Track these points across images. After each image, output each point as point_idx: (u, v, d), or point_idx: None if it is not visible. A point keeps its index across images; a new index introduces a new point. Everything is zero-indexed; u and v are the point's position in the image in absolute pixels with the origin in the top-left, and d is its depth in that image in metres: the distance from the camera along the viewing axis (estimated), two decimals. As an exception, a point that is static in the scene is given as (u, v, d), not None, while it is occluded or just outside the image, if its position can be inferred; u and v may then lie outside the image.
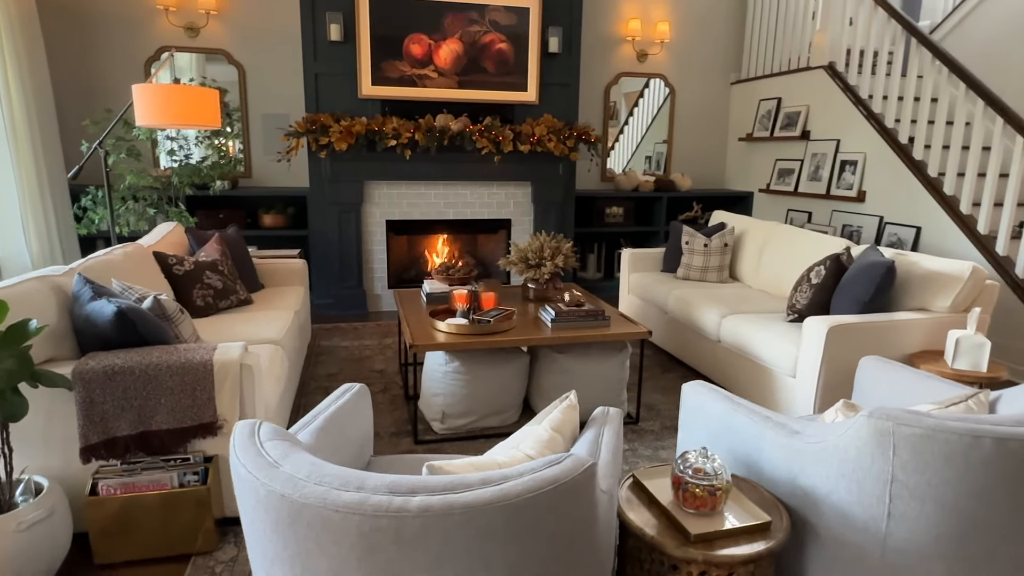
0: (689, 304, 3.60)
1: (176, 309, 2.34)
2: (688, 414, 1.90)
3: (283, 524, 1.04)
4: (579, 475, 1.09)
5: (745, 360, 3.15)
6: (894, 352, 2.73)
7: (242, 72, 5.04)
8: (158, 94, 3.12)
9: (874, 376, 2.08)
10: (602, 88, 5.78)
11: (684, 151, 6.11)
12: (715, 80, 6.04)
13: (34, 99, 4.00)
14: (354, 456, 1.65)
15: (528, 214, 5.21)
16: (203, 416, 2.01)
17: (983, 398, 1.66)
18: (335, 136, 4.44)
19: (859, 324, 2.66)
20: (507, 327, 2.86)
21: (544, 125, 4.84)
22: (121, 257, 2.81)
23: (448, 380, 2.83)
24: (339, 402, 1.66)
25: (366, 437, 1.78)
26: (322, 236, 4.86)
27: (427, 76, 4.76)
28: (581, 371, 2.91)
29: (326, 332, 4.38)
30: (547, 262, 3.32)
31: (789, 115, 5.28)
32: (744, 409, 1.69)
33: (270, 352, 2.60)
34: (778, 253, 3.81)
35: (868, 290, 2.77)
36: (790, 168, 5.29)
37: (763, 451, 1.60)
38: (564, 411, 1.58)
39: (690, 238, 4.16)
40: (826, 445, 1.44)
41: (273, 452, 1.13)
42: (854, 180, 4.61)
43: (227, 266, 3.33)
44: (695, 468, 1.48)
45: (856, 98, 4.63)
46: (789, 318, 3.15)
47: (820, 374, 2.64)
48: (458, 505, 0.99)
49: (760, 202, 5.76)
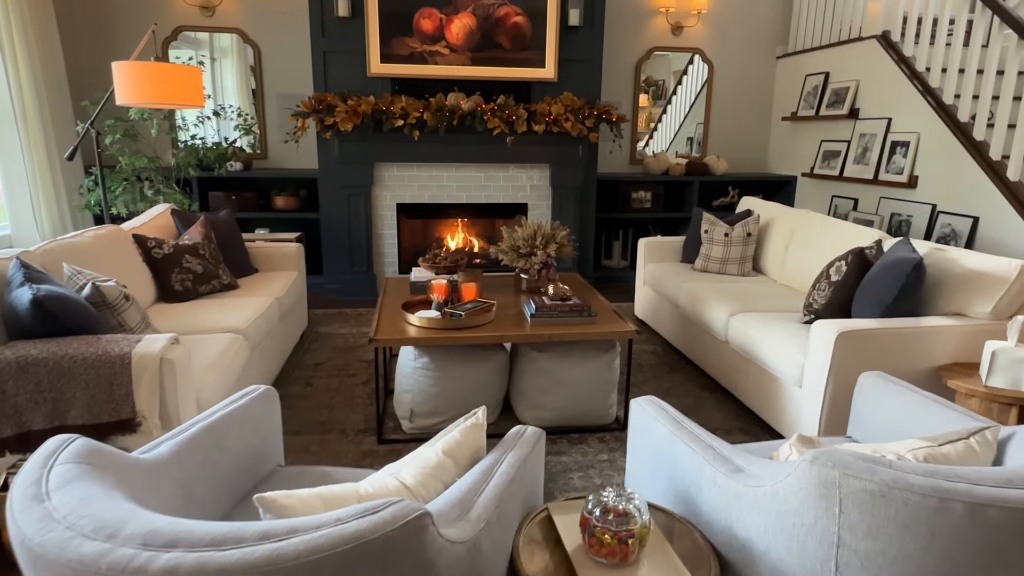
0: (699, 299, 3.28)
1: (119, 296, 2.24)
2: (636, 436, 1.64)
3: (29, 573, 0.87)
4: (396, 530, 0.87)
5: (751, 364, 2.83)
6: (919, 364, 2.36)
7: (257, 51, 4.96)
8: (138, 72, 3.04)
9: (873, 396, 1.76)
10: (632, 64, 5.42)
11: (723, 132, 5.67)
12: (758, 54, 5.56)
13: (44, 79, 4.02)
14: (239, 470, 1.48)
15: (546, 198, 4.94)
16: (121, 412, 1.90)
17: (990, 436, 1.33)
18: (340, 116, 4.30)
19: (876, 330, 2.30)
20: (482, 321, 2.64)
21: (562, 104, 4.55)
22: (90, 240, 2.75)
23: (417, 377, 2.65)
24: (226, 410, 1.49)
25: (267, 446, 1.61)
26: (332, 219, 4.75)
27: (438, 53, 4.54)
28: (561, 372, 2.66)
29: (328, 318, 4.28)
30: (538, 251, 3.07)
31: (837, 91, 4.79)
32: (686, 435, 1.42)
33: (226, 343, 2.48)
34: (806, 245, 3.43)
35: (891, 290, 2.40)
36: (836, 150, 4.81)
37: (702, 489, 1.34)
38: (465, 432, 1.36)
39: (710, 226, 3.81)
40: (765, 491, 1.17)
41: (54, 479, 0.97)
42: (905, 163, 4.12)
43: (209, 250, 3.24)
44: (606, 508, 1.23)
45: (911, 71, 4.12)
46: (804, 319, 2.80)
47: (827, 386, 2.31)
48: (213, 567, 0.79)
49: (803, 187, 5.29)
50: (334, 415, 2.86)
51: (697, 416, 2.90)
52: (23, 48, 3.87)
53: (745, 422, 2.85)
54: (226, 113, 4.89)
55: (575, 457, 2.51)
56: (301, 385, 3.18)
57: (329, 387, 3.16)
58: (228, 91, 4.99)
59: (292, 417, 2.83)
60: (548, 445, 2.61)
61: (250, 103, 5.00)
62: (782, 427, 2.61)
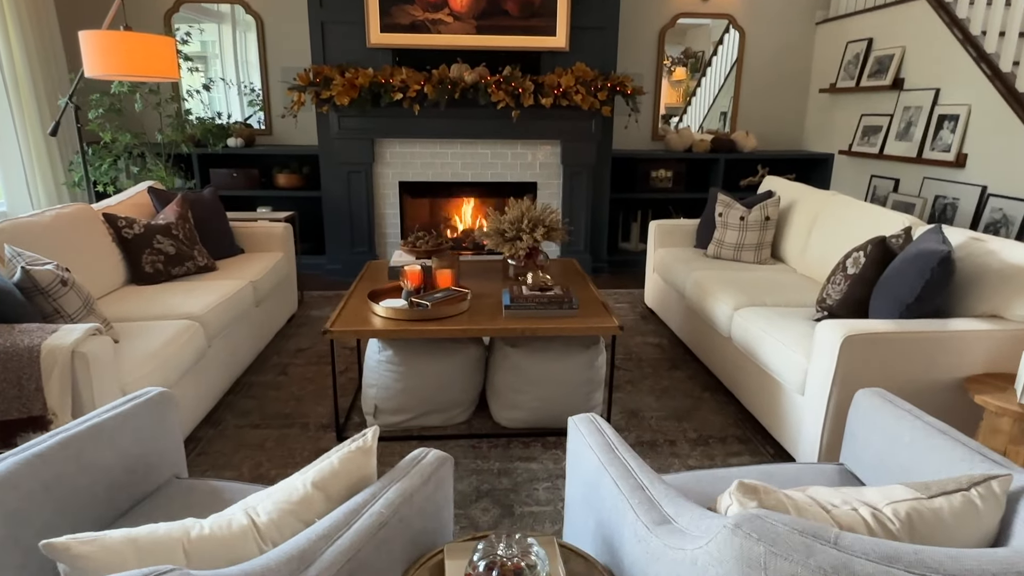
0: (705, 290, 2.98)
1: (53, 281, 2.10)
2: (572, 461, 1.40)
3: None
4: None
5: (753, 365, 2.53)
6: (943, 374, 2.03)
7: (260, 22, 4.79)
8: (106, 41, 2.89)
9: (870, 419, 1.47)
10: (655, 32, 5.03)
11: (754, 106, 5.25)
12: (795, 19, 5.09)
13: (37, 52, 3.94)
14: (110, 486, 1.31)
15: (557, 177, 4.65)
16: (32, 408, 1.76)
17: (998, 488, 1.04)
18: (337, 90, 4.10)
19: (891, 334, 1.98)
20: (451, 312, 2.42)
21: (573, 75, 4.24)
22: (49, 219, 2.63)
23: (382, 371, 2.45)
24: (97, 419, 1.32)
25: (155, 457, 1.43)
26: (333, 198, 4.58)
27: (441, 21, 4.27)
28: (536, 369, 2.43)
29: (324, 301, 4.13)
30: (524, 235, 2.82)
31: (880, 59, 4.32)
32: (617, 468, 1.18)
33: (176, 331, 2.33)
34: (829, 230, 3.07)
35: (913, 287, 2.06)
36: (876, 125, 4.36)
37: (624, 540, 1.10)
38: (345, 459, 1.15)
39: (724, 209, 3.48)
40: (685, 556, 0.92)
41: None
42: (953, 140, 3.68)
43: (184, 230, 3.10)
44: (492, 563, 1.01)
45: (964, 35, 3.66)
46: (816, 316, 2.48)
47: (831, 396, 2.01)
48: None
49: (840, 166, 4.85)
50: (300, 407, 2.70)
51: (692, 419, 2.62)
52: (14, 18, 3.78)
53: (744, 429, 2.56)
54: (222, 86, 4.76)
55: (546, 464, 2.28)
56: (275, 373, 3.04)
57: (304, 376, 3.01)
58: (240, 65, 4.84)
59: (256, 408, 2.68)
60: (519, 450, 2.38)
61: (260, 77, 4.85)
62: (783, 438, 2.32)
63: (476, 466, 2.27)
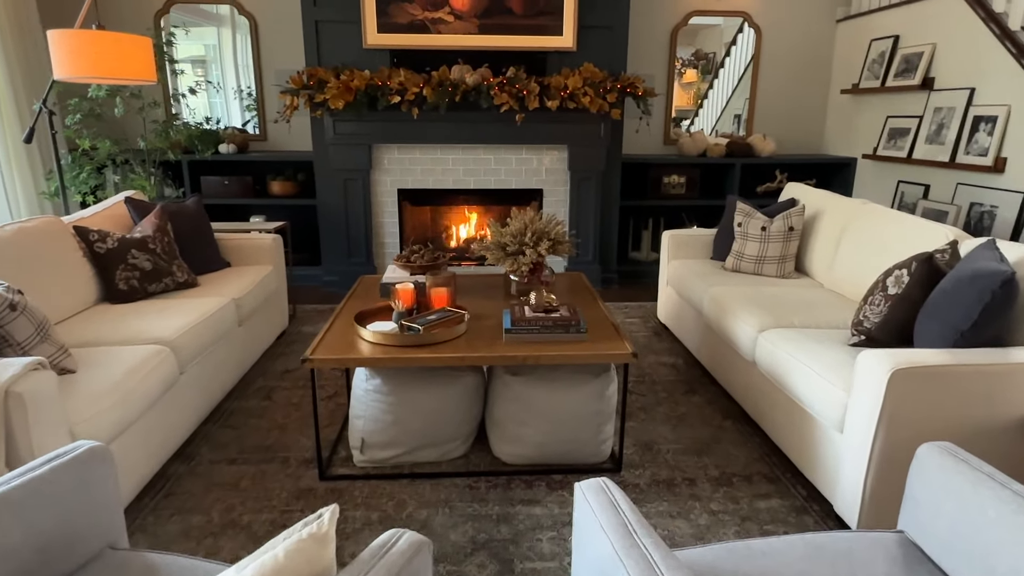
0: (724, 308, 2.73)
1: (1, 305, 1.89)
2: (579, 536, 1.16)
3: None
4: None
5: (781, 394, 2.28)
6: (1009, 413, 1.77)
7: (253, 23, 4.59)
8: (76, 41, 2.68)
9: (938, 481, 1.22)
10: (667, 32, 4.79)
11: (771, 108, 4.99)
12: (815, 16, 4.84)
13: (16, 56, 3.75)
14: (16, 570, 1.08)
15: (564, 183, 4.42)
16: (-40, 456, 1.54)
17: None
18: (331, 93, 3.88)
19: (947, 367, 1.73)
20: (446, 337, 2.18)
21: (580, 76, 4.00)
22: (11, 233, 2.42)
23: (369, 401, 2.22)
24: (12, 483, 1.09)
25: (81, 527, 1.20)
26: (329, 206, 4.37)
27: (442, 20, 4.05)
28: (540, 400, 2.18)
29: (317, 315, 3.90)
30: (528, 249, 2.58)
31: (908, 57, 4.06)
32: (636, 560, 0.93)
33: (142, 358, 2.10)
34: (861, 243, 2.81)
35: (970, 312, 1.81)
36: (904, 128, 4.10)
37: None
38: (294, 552, 0.91)
39: (744, 218, 3.23)
40: None
41: None
42: (990, 143, 3.42)
43: (162, 244, 2.88)
44: None
45: (1001, 30, 3.40)
46: (852, 341, 2.23)
47: (876, 437, 1.76)
48: None
49: (864, 171, 4.59)
50: (283, 438, 2.47)
51: (713, 453, 2.37)
52: (-9, 22, 3.59)
53: (771, 465, 2.31)
54: (222, 91, 4.56)
55: (551, 509, 2.04)
56: (260, 398, 2.81)
57: (290, 401, 2.78)
58: (240, 69, 4.65)
59: (235, 440, 2.45)
60: (521, 491, 2.14)
61: (253, 81, 4.66)
62: (818, 479, 2.07)
63: (473, 511, 2.02)
